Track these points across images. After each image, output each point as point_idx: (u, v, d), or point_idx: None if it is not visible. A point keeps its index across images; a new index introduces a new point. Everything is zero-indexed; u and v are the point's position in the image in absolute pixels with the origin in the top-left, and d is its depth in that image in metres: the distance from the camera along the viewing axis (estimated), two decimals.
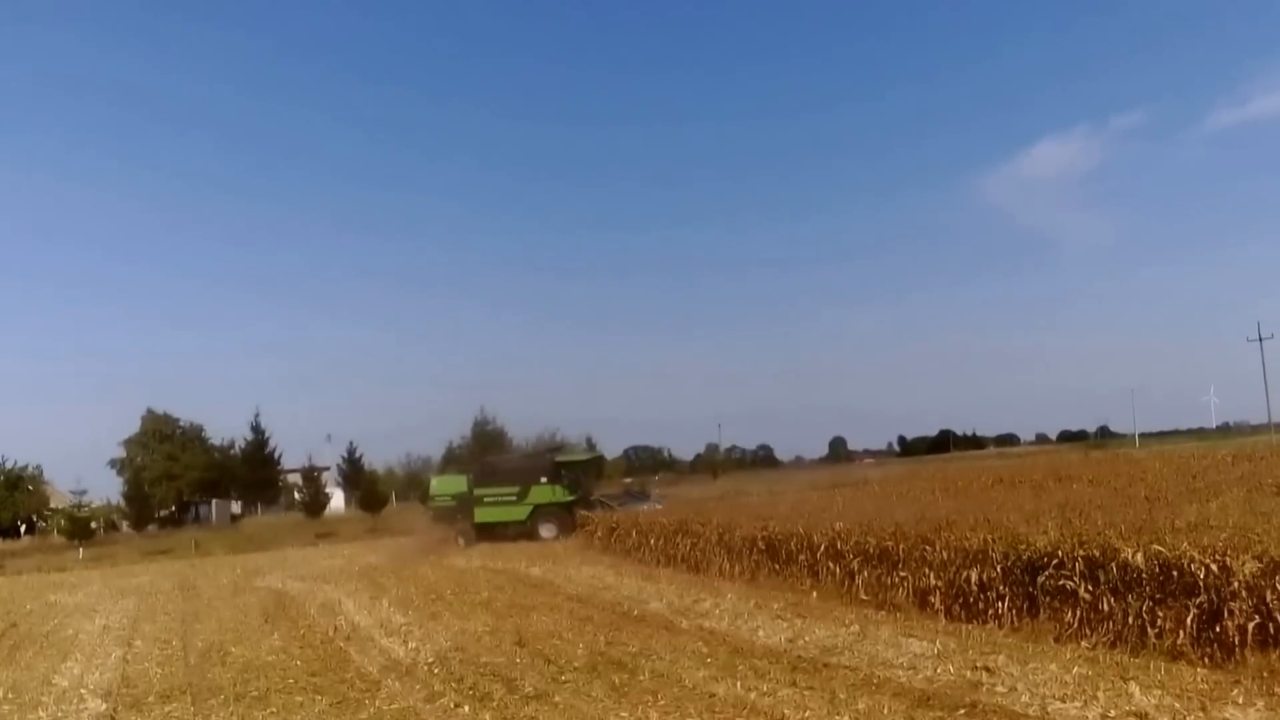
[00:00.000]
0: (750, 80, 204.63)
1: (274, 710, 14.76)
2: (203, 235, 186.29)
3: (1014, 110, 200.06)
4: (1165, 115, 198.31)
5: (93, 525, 73.97)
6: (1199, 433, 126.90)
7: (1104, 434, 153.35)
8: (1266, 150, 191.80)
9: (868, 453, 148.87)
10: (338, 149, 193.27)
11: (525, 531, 44.28)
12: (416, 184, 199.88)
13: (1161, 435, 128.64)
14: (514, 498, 45.45)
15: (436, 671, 16.51)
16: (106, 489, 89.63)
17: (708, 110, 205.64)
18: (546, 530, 43.88)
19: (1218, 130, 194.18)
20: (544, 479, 45.60)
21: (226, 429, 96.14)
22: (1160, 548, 13.80)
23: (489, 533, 45.00)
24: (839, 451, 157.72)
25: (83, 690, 17.32)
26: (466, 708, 13.91)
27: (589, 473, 50.64)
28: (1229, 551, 12.94)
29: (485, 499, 46.03)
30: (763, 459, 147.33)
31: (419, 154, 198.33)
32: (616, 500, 46.96)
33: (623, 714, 12.92)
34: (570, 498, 44.98)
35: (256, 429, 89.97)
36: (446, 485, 49.01)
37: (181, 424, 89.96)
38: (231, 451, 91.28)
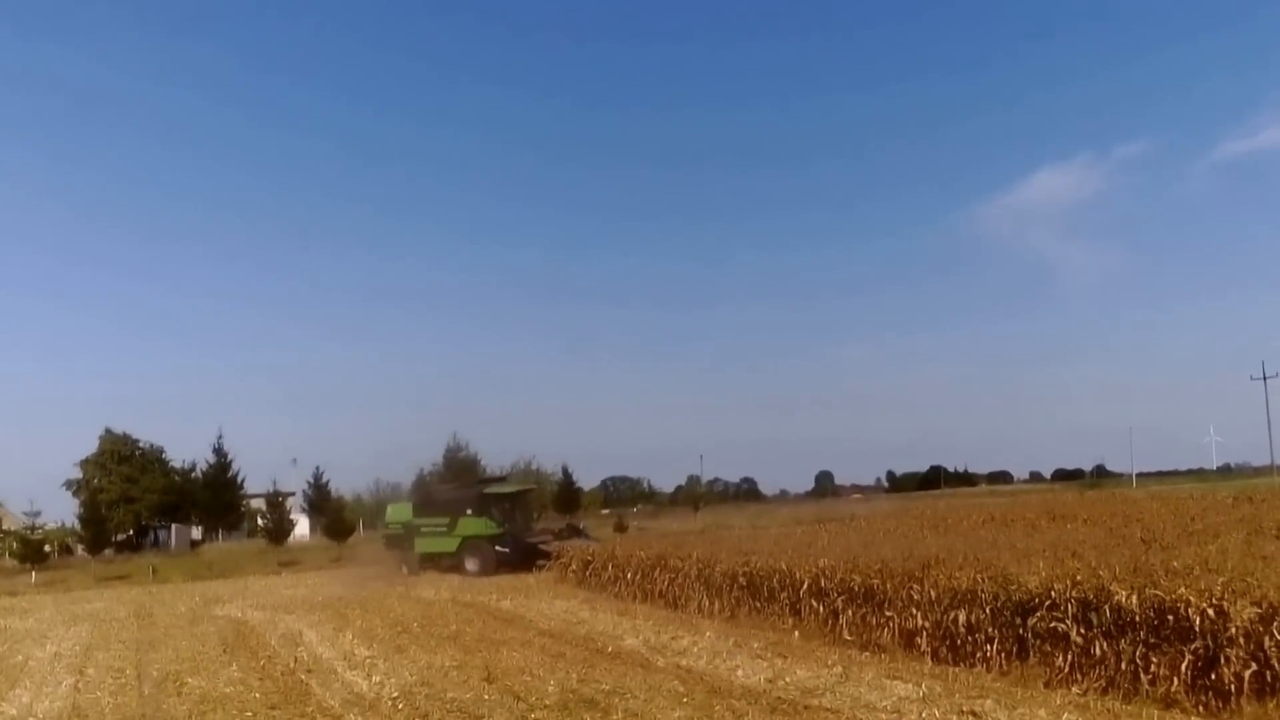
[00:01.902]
0: (741, 109, 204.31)
1: None
2: (169, 249, 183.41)
3: (1013, 138, 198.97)
4: (1170, 146, 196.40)
5: (46, 549, 72.61)
6: (1199, 474, 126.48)
7: (1100, 473, 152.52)
8: (1275, 183, 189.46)
9: (855, 488, 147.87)
10: (310, 161, 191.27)
11: (455, 565, 43.49)
12: (393, 199, 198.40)
13: (1160, 476, 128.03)
14: (444, 529, 44.78)
15: (401, 707, 16.05)
16: (61, 511, 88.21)
17: (696, 142, 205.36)
18: (471, 564, 42.84)
19: (1225, 162, 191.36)
20: (470, 511, 44.74)
21: (188, 451, 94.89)
22: (1156, 590, 13.48)
23: (432, 562, 44.38)
24: (825, 486, 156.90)
25: (31, 719, 16.77)
26: None
27: (521, 505, 49.64)
28: (1227, 596, 12.62)
29: (423, 529, 45.51)
30: (746, 492, 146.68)
31: (396, 169, 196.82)
32: (552, 537, 45.72)
33: None
34: (498, 531, 43.87)
35: (219, 451, 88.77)
36: (398, 513, 48.41)
37: (141, 445, 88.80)
38: (193, 475, 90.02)
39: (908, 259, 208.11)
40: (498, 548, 42.78)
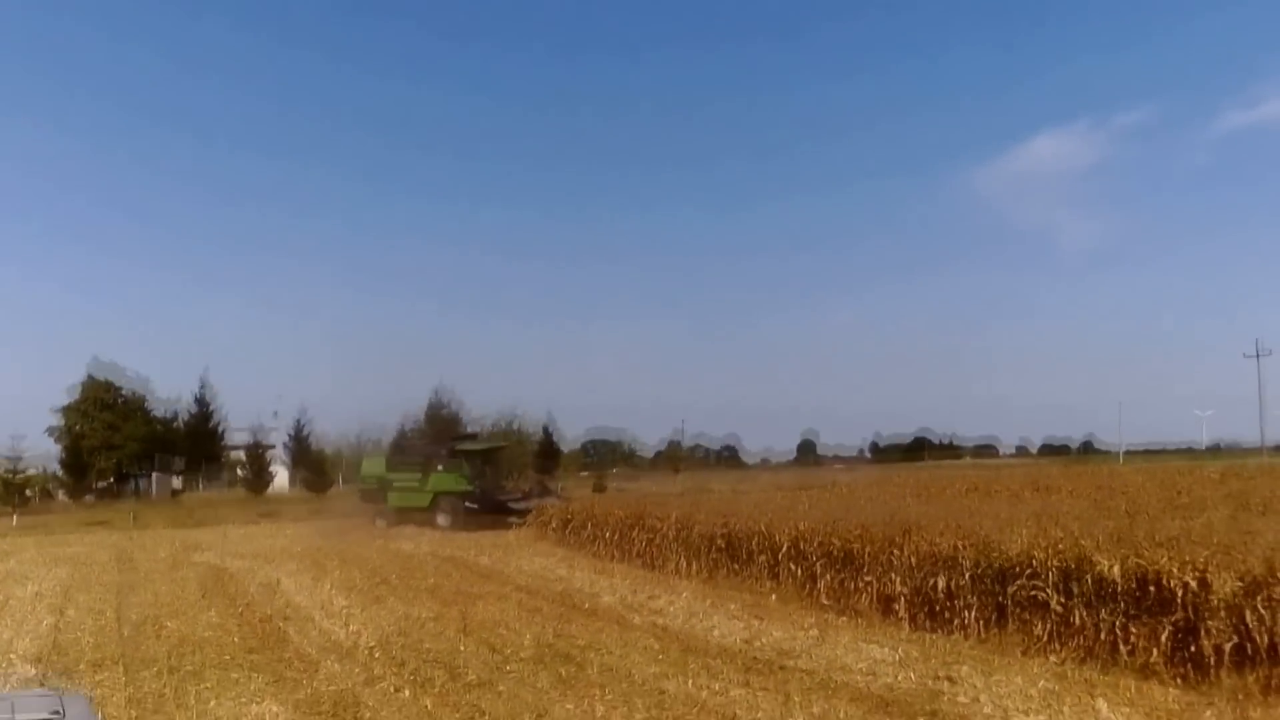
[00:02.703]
0: (727, 58, 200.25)
1: (208, 685, 14.23)
2: (159, 183, 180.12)
3: (1011, 101, 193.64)
4: (1171, 114, 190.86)
5: (27, 492, 72.55)
6: (1188, 451, 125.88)
7: (1088, 448, 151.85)
8: (1276, 157, 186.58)
9: (838, 458, 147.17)
10: (303, 103, 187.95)
11: (426, 519, 43.39)
12: (385, 154, 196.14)
13: (1149, 452, 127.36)
14: (417, 483, 44.82)
15: (377, 655, 16.05)
16: (43, 457, 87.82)
17: (681, 90, 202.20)
18: (441, 518, 42.81)
19: (1226, 133, 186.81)
20: (441, 466, 44.75)
21: (170, 394, 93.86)
22: (1138, 560, 13.40)
23: (404, 516, 44.35)
24: (808, 453, 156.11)
25: (12, 655, 16.67)
26: (407, 692, 13.49)
27: (493, 462, 49.59)
28: (1210, 568, 12.54)
29: (395, 483, 45.61)
30: (727, 457, 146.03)
31: (385, 126, 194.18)
32: (526, 495, 45.56)
33: (568, 706, 12.50)
34: (468, 487, 43.86)
35: (201, 401, 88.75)
36: (372, 467, 48.58)
37: (124, 393, 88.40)
38: (174, 424, 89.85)
39: (900, 223, 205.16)
40: (467, 503, 42.74)
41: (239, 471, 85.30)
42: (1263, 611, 11.69)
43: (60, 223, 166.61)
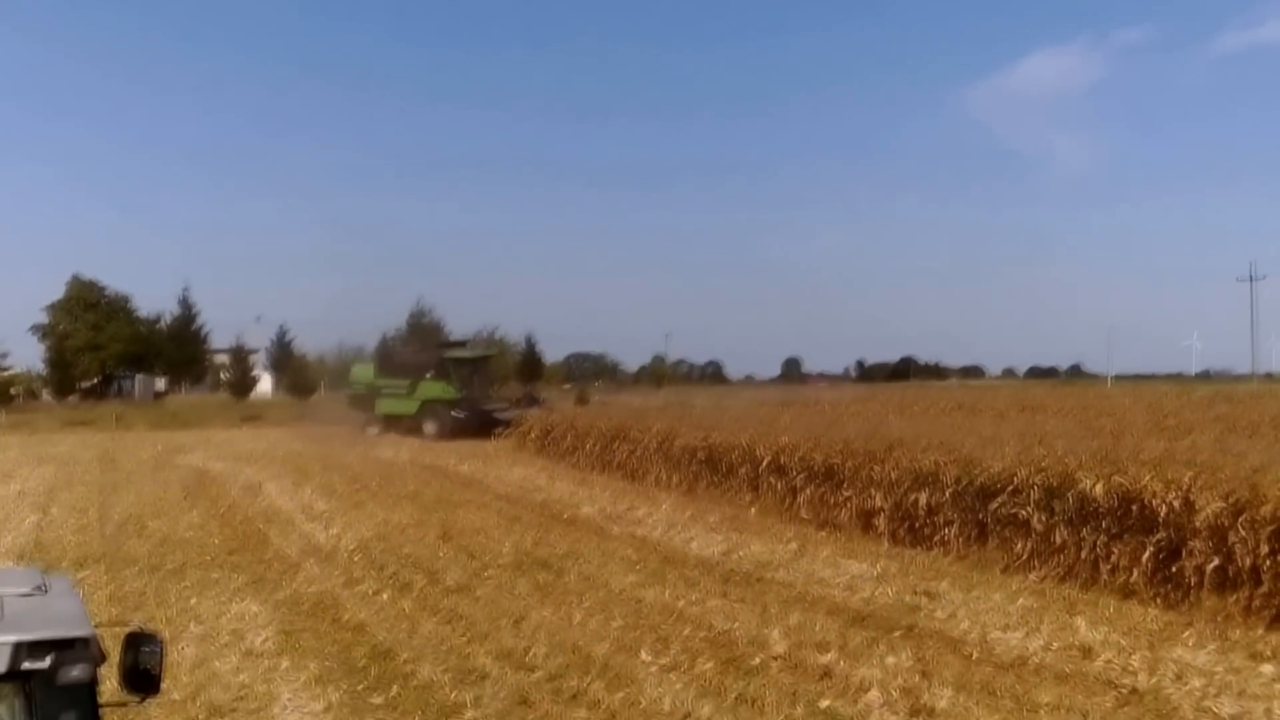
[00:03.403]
0: None
1: (189, 584, 14.30)
2: (142, 90, 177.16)
3: (1007, 17, 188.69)
4: (1172, 32, 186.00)
5: (12, 391, 72.25)
6: (1177, 378, 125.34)
7: (1076, 372, 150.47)
8: (1274, 79, 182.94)
9: (823, 376, 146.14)
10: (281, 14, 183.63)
11: (414, 427, 43.22)
12: (364, 66, 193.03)
13: (1137, 378, 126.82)
14: (405, 390, 44.63)
15: (357, 559, 16.09)
16: (28, 357, 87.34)
17: (676, 18, 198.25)
18: (428, 427, 42.61)
19: (1226, 53, 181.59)
20: (430, 374, 44.57)
21: (155, 303, 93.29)
22: (1122, 480, 13.31)
23: (392, 424, 44.23)
24: (793, 372, 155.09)
25: None
26: (386, 595, 13.51)
27: (482, 371, 49.32)
28: (1194, 488, 12.45)
29: (384, 390, 45.43)
30: (711, 375, 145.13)
31: (360, 34, 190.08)
32: (509, 405, 45.33)
33: (545, 612, 12.52)
34: (456, 396, 43.69)
35: (185, 304, 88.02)
36: (362, 373, 48.38)
37: (108, 293, 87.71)
38: (158, 325, 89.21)
39: (890, 141, 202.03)
40: (453, 413, 42.60)
41: (222, 376, 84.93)
42: (1245, 533, 11.62)
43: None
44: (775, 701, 8.95)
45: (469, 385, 45.09)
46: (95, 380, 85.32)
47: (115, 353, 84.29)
